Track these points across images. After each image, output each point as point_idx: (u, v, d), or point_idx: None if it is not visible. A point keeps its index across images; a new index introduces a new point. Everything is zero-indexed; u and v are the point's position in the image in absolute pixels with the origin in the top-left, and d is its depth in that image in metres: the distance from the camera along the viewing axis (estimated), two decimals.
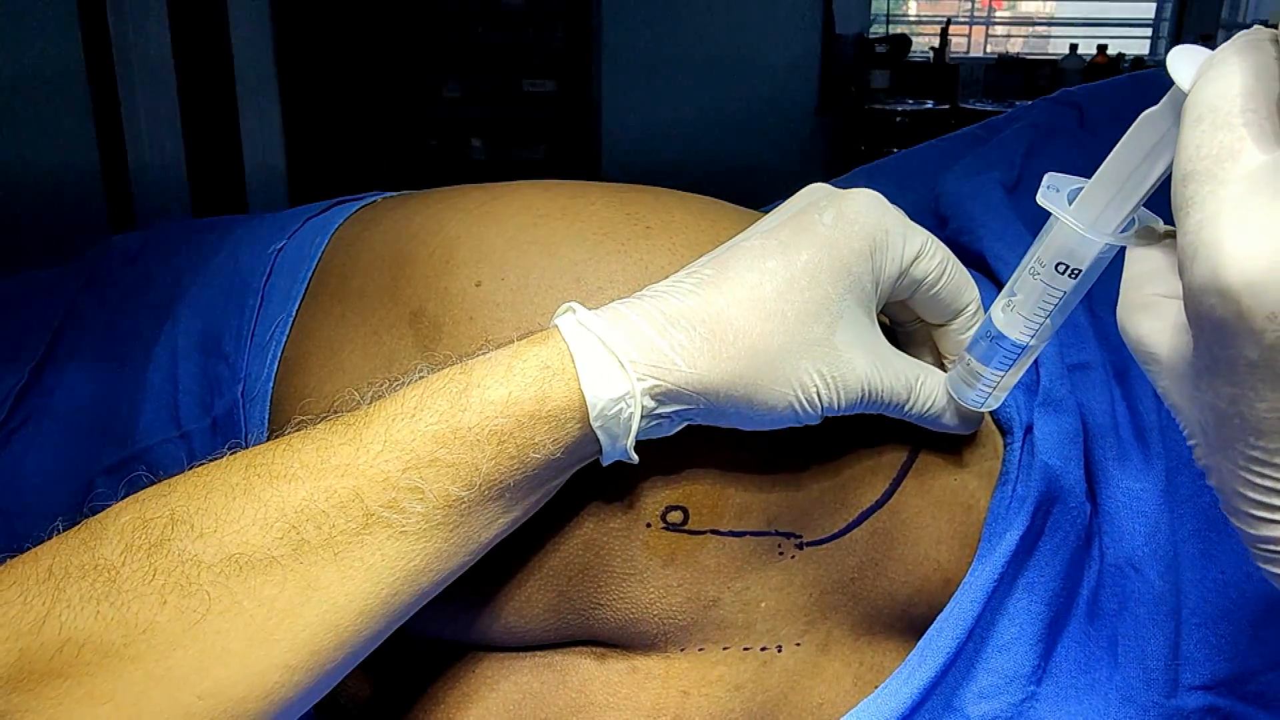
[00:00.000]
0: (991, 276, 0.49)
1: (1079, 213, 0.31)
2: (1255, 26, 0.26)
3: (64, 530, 0.31)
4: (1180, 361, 0.27)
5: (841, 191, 0.38)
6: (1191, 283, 0.23)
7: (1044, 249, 0.33)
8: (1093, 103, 0.60)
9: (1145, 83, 0.64)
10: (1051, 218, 0.32)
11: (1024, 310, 0.35)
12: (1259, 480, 0.24)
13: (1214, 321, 0.23)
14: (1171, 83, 0.27)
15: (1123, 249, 0.31)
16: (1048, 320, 0.35)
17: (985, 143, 0.61)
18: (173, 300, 0.50)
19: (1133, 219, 0.31)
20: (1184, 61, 0.26)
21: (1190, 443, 0.27)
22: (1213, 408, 0.25)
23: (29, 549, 0.30)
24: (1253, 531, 0.25)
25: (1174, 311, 0.28)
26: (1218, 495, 0.27)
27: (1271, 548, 0.25)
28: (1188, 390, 0.27)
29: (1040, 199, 0.32)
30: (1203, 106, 0.24)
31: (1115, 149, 0.30)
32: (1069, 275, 0.33)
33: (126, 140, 1.40)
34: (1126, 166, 0.29)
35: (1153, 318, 0.28)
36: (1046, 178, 0.32)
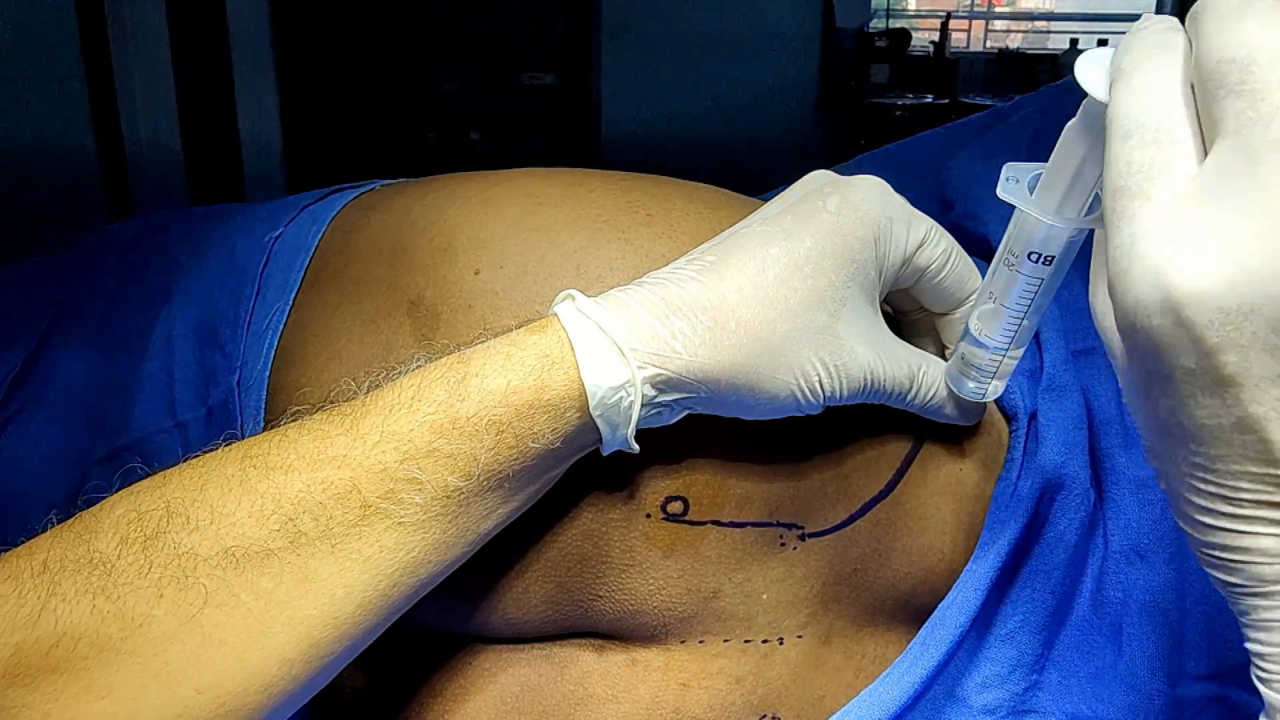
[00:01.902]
0: None
1: (1042, 201, 0.31)
2: (1159, 17, 0.27)
3: (59, 523, 0.31)
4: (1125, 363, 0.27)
5: (845, 178, 0.37)
6: (1125, 297, 0.24)
7: (1014, 240, 0.33)
8: None
9: None
10: (1017, 209, 0.32)
11: (1004, 301, 0.34)
12: (1203, 486, 0.24)
13: (1149, 333, 0.23)
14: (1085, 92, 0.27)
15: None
16: (1025, 320, 0.35)
17: (990, 130, 0.61)
18: (168, 289, 0.49)
19: (1098, 195, 0.30)
20: (1093, 69, 0.27)
21: (1144, 444, 0.27)
22: (1154, 416, 0.25)
23: (24, 542, 0.30)
24: (1199, 537, 0.25)
25: None
26: (1168, 498, 0.27)
27: (1216, 553, 0.25)
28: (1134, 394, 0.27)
29: (1000, 192, 0.32)
30: (1129, 123, 0.25)
31: (1055, 150, 0.30)
32: (1042, 263, 0.33)
33: (125, 141, 1.40)
34: (1071, 161, 0.30)
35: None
36: (1005, 168, 0.32)
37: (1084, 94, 0.28)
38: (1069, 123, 0.29)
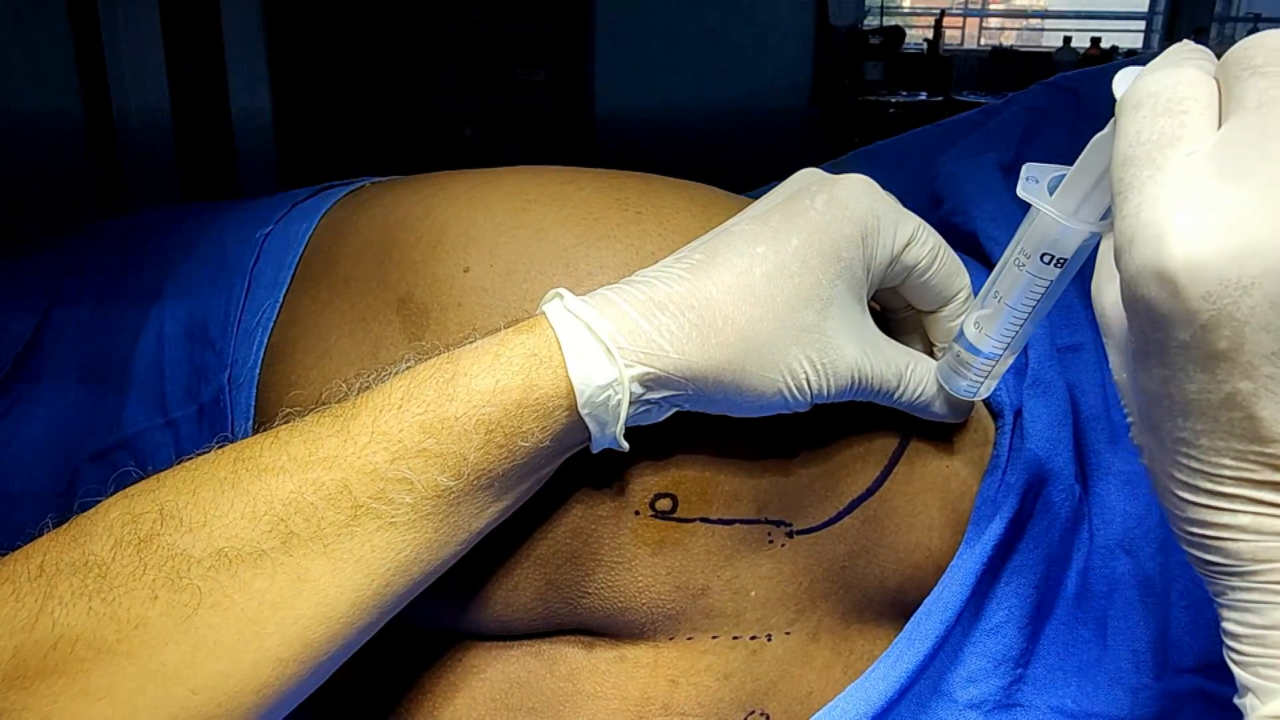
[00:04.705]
0: (983, 258, 0.49)
1: (1061, 203, 0.31)
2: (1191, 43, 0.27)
3: (54, 527, 0.31)
4: (1126, 338, 0.28)
5: (833, 176, 0.38)
6: (1129, 265, 0.24)
7: (1027, 240, 0.33)
8: (1090, 87, 0.60)
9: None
10: (1032, 208, 0.32)
11: (1009, 301, 0.35)
12: (1185, 461, 0.24)
13: (1149, 303, 0.23)
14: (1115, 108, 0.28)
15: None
16: (1026, 323, 0.35)
17: (982, 126, 0.61)
18: (159, 286, 0.49)
19: None
20: (1128, 79, 0.27)
21: (1128, 420, 0.28)
22: (1146, 388, 0.25)
23: (20, 546, 0.30)
24: (1179, 514, 0.25)
25: None
26: (1149, 475, 0.27)
27: (1195, 530, 0.25)
28: (1128, 367, 0.27)
29: (1020, 192, 0.32)
30: (1142, 93, 0.25)
31: (1083, 153, 0.30)
32: (1054, 265, 0.33)
33: (115, 115, 1.39)
34: (1096, 167, 0.30)
35: (1117, 290, 0.28)
36: (1025, 169, 0.32)
37: (1092, 99, 0.28)
38: (1099, 133, 0.29)
